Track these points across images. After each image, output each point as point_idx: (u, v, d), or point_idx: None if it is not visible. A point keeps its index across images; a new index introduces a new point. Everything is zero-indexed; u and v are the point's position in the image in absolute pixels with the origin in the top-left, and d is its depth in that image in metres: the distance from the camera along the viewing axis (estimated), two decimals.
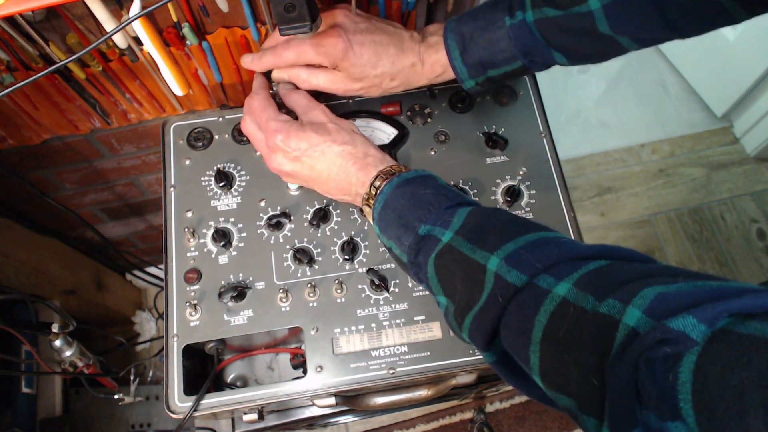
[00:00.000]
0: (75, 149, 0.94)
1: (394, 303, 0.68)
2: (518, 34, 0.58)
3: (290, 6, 0.52)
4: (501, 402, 1.54)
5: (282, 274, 0.69)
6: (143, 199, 1.19)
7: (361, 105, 0.77)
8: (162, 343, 0.84)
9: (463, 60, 0.61)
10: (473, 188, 0.73)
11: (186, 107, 0.84)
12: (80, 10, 0.62)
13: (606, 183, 1.83)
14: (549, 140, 0.76)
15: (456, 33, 0.61)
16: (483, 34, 0.59)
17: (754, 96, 1.75)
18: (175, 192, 0.72)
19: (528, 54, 0.60)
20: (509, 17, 0.58)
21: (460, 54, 0.61)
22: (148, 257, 1.49)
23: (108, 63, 0.70)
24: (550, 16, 0.56)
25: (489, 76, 0.62)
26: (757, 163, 1.84)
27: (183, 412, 0.63)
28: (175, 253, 0.70)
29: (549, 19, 0.56)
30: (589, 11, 0.54)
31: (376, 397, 0.70)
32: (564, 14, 0.55)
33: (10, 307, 1.05)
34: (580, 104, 1.96)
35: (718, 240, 1.74)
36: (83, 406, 1.23)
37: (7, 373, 1.03)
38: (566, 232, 0.71)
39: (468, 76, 0.62)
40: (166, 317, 0.67)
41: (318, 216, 0.70)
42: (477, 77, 0.62)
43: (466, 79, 0.63)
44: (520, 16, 0.58)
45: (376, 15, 0.71)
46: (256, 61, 0.65)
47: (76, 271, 1.23)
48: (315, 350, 0.66)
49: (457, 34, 0.61)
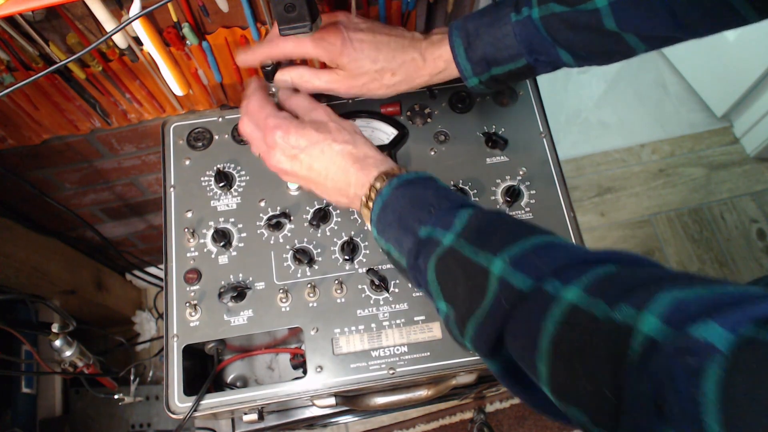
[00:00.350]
0: (75, 149, 0.94)
1: (394, 303, 0.68)
2: (524, 31, 0.58)
3: (290, 6, 0.52)
4: (501, 402, 1.54)
5: (282, 275, 0.69)
6: (143, 199, 1.19)
7: (361, 105, 0.77)
8: (162, 343, 0.84)
9: (468, 56, 0.60)
10: (473, 188, 0.73)
11: (186, 107, 0.84)
12: (80, 10, 0.62)
13: (606, 183, 1.83)
14: (549, 140, 0.76)
15: (461, 30, 0.60)
16: (488, 30, 0.59)
17: (754, 96, 1.75)
18: (175, 192, 0.72)
19: (533, 51, 0.59)
20: (515, 13, 0.58)
21: (465, 50, 0.60)
22: (148, 257, 1.49)
23: (108, 63, 0.70)
24: (556, 12, 0.55)
25: (493, 74, 0.61)
26: (757, 163, 1.84)
27: (183, 412, 0.63)
28: (175, 253, 0.70)
29: (555, 15, 0.56)
30: (596, 8, 0.53)
31: (376, 397, 0.70)
32: (570, 11, 0.55)
33: (10, 307, 1.05)
34: (580, 104, 1.96)
35: (718, 240, 1.74)
36: (83, 406, 1.23)
37: (7, 373, 1.03)
38: (566, 232, 0.71)
39: (472, 73, 0.61)
40: (166, 317, 0.67)
41: (318, 216, 0.70)
42: (481, 75, 0.62)
43: (470, 76, 0.62)
44: (526, 13, 0.57)
45: (376, 15, 0.71)
46: (251, 53, 0.63)
47: (76, 271, 1.23)
48: (315, 350, 0.66)
49: (462, 30, 0.60)
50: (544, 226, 0.70)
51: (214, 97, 0.82)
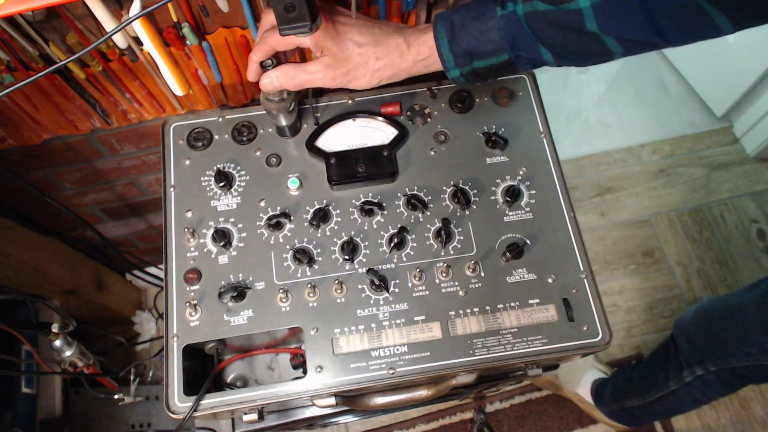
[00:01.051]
0: (75, 149, 0.94)
1: (394, 303, 0.68)
2: (507, 26, 0.59)
3: (290, 6, 0.52)
4: (501, 402, 1.54)
5: (282, 274, 0.69)
6: (143, 199, 1.19)
7: (361, 105, 0.77)
8: (162, 343, 0.84)
9: (451, 48, 0.61)
10: (473, 188, 0.73)
11: (186, 107, 0.84)
12: (80, 10, 0.62)
13: (606, 183, 1.83)
14: (549, 140, 0.76)
15: (446, 20, 0.61)
16: (473, 23, 0.60)
17: (754, 96, 1.75)
18: (175, 192, 0.72)
19: (515, 47, 0.60)
20: (500, 8, 0.59)
21: (449, 41, 0.61)
22: (148, 257, 1.49)
23: (108, 63, 0.70)
24: (540, 9, 0.57)
25: (474, 67, 0.62)
26: (757, 163, 1.84)
27: (183, 412, 0.63)
28: (175, 253, 0.70)
29: (539, 12, 0.57)
30: (579, 8, 0.55)
31: (376, 397, 0.70)
32: (553, 9, 0.56)
33: (10, 307, 1.05)
34: (580, 104, 1.96)
35: (718, 240, 1.74)
36: (83, 406, 1.23)
37: (7, 373, 1.03)
38: (566, 232, 0.71)
39: (454, 64, 0.62)
40: (166, 317, 0.67)
41: (318, 216, 0.70)
42: (462, 67, 0.62)
43: (451, 67, 0.63)
44: (510, 8, 0.59)
45: (376, 15, 0.71)
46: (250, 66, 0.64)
47: (76, 271, 1.23)
48: (315, 350, 0.66)
49: (447, 21, 0.61)
50: (544, 226, 0.71)
51: (214, 97, 0.82)
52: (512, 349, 0.66)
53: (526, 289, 0.68)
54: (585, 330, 0.67)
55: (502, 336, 0.66)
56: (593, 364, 1.49)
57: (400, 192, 0.73)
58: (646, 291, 1.68)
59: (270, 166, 0.74)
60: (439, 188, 0.73)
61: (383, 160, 0.73)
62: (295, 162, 0.74)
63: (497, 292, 0.68)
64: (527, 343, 0.66)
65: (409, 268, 0.69)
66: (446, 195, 0.72)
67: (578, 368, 1.47)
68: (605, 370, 1.48)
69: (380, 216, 0.71)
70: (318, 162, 0.74)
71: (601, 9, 0.54)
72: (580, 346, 0.66)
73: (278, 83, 0.64)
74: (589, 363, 1.49)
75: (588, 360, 1.49)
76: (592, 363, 1.49)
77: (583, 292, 0.69)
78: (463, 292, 0.68)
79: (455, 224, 0.71)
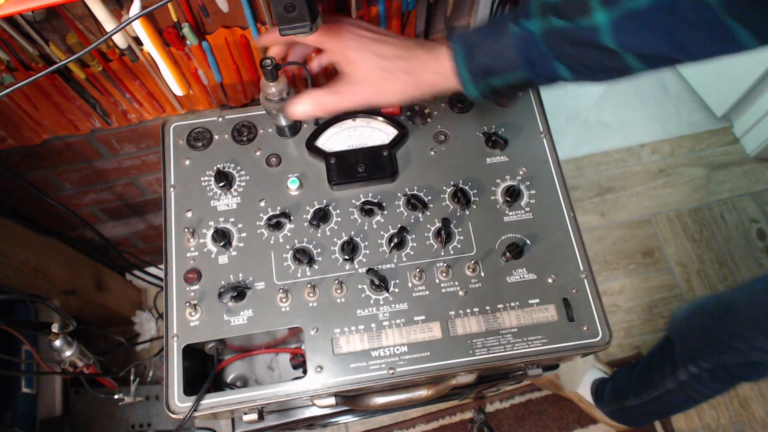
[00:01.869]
0: (75, 149, 0.94)
1: (394, 303, 0.68)
2: (523, 43, 0.58)
3: (290, 6, 0.52)
4: (501, 402, 1.54)
5: (282, 274, 0.69)
6: (143, 199, 1.19)
7: None
8: (162, 343, 0.84)
9: (467, 65, 0.61)
10: (473, 188, 0.73)
11: (186, 107, 0.84)
12: (80, 10, 0.62)
13: (606, 183, 1.83)
14: (549, 140, 0.76)
15: (461, 38, 0.61)
16: (488, 42, 0.59)
17: (754, 96, 1.75)
18: (175, 192, 0.72)
19: (531, 64, 0.59)
20: (515, 25, 0.58)
21: (465, 58, 0.60)
22: (148, 257, 1.49)
23: (108, 63, 0.70)
24: (555, 26, 0.56)
25: (491, 83, 0.61)
26: (757, 163, 1.84)
27: (183, 412, 0.63)
28: (175, 253, 0.70)
29: (554, 28, 0.56)
30: (595, 24, 0.54)
31: (376, 397, 0.70)
32: (569, 25, 0.55)
33: (10, 307, 1.05)
34: (580, 104, 1.96)
35: (718, 240, 1.74)
36: (83, 406, 1.23)
37: (7, 373, 1.03)
38: (566, 232, 0.71)
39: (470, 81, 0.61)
40: (166, 317, 0.67)
41: (318, 216, 0.70)
42: (478, 83, 0.62)
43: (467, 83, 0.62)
44: (525, 25, 0.58)
45: (376, 15, 0.71)
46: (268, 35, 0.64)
47: (76, 271, 1.23)
48: (315, 350, 0.66)
49: (462, 39, 0.60)
50: (544, 226, 0.71)
51: (214, 97, 0.82)
52: (512, 349, 0.66)
53: (526, 289, 0.69)
54: (585, 330, 0.67)
55: (502, 336, 0.66)
56: (593, 363, 1.50)
57: (400, 192, 0.73)
58: (645, 291, 1.68)
59: (270, 166, 0.74)
60: (439, 188, 0.73)
61: (383, 160, 0.73)
62: (295, 162, 0.74)
63: (497, 292, 0.68)
64: (527, 343, 0.66)
65: (409, 268, 0.69)
66: (446, 195, 0.73)
67: (578, 368, 1.47)
68: (605, 370, 1.48)
69: (380, 216, 0.71)
70: (318, 162, 0.74)
71: (618, 24, 0.53)
72: (580, 346, 0.66)
73: (312, 113, 0.64)
74: (589, 363, 1.49)
75: (588, 360, 1.49)
76: (592, 363, 1.50)
77: (583, 292, 0.69)
78: (463, 292, 0.68)
79: (455, 224, 0.71)
